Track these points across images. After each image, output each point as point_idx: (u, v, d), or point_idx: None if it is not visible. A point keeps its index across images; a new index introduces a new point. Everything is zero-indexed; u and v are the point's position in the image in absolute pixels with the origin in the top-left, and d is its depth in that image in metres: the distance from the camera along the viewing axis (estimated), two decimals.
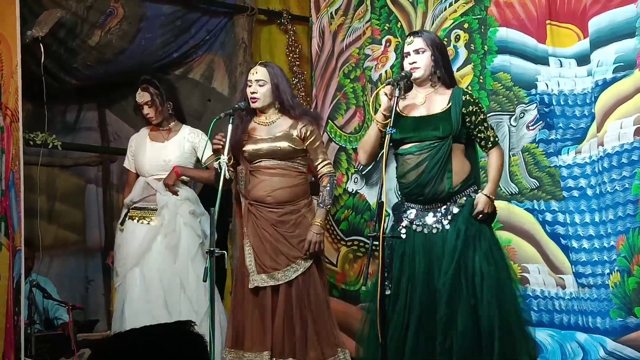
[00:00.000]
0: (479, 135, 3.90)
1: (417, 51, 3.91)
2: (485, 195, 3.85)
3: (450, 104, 3.89)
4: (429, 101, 3.94)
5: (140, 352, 1.82)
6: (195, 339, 1.86)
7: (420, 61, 3.91)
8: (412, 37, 3.98)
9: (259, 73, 4.45)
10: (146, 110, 5.05)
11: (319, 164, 4.50)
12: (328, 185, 4.48)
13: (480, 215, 3.84)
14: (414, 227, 3.90)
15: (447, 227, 3.84)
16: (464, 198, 3.90)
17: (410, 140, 3.91)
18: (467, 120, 3.87)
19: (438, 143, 3.86)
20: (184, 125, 5.15)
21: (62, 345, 5.52)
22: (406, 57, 3.96)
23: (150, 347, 1.84)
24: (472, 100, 3.90)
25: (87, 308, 6.44)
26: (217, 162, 4.31)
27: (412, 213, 3.92)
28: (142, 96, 5.04)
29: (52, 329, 5.88)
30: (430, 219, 3.88)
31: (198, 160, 5.09)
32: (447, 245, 3.81)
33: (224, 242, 5.84)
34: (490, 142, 3.92)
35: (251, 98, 4.42)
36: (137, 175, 5.12)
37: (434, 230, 3.86)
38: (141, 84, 5.06)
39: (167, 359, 1.82)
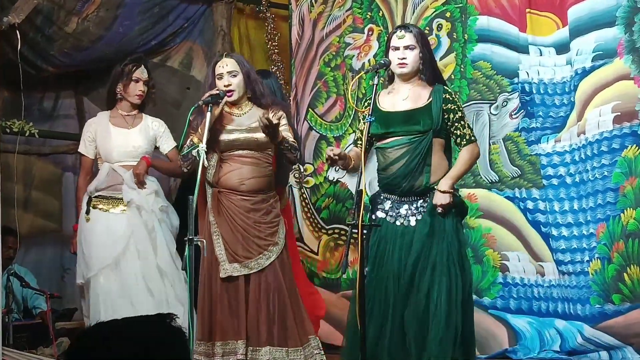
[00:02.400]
0: (455, 132, 3.90)
1: (407, 47, 3.92)
2: (439, 190, 3.83)
3: (431, 99, 3.90)
4: (411, 96, 3.94)
5: (120, 343, 1.82)
6: (175, 332, 1.86)
7: (409, 58, 3.92)
8: (402, 31, 3.96)
9: (229, 65, 4.39)
10: (141, 87, 4.90)
11: None
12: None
13: (440, 210, 3.84)
14: (388, 218, 3.92)
15: (419, 220, 3.86)
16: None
17: (392, 134, 3.92)
18: (445, 117, 3.88)
19: (419, 137, 3.88)
20: (143, 113, 5.02)
21: (40, 335, 5.48)
22: (394, 50, 3.95)
23: (130, 339, 1.84)
24: (451, 98, 3.91)
25: (64, 297, 6.39)
26: (196, 150, 4.27)
27: (387, 204, 3.93)
28: (143, 72, 4.92)
29: (30, 319, 5.84)
30: (404, 210, 3.90)
31: (156, 149, 4.99)
32: (415, 238, 3.83)
33: None
34: (465, 140, 3.90)
35: (227, 92, 4.37)
36: (94, 161, 4.96)
37: (406, 223, 3.88)
38: (137, 62, 4.94)
39: (146, 351, 1.81)
